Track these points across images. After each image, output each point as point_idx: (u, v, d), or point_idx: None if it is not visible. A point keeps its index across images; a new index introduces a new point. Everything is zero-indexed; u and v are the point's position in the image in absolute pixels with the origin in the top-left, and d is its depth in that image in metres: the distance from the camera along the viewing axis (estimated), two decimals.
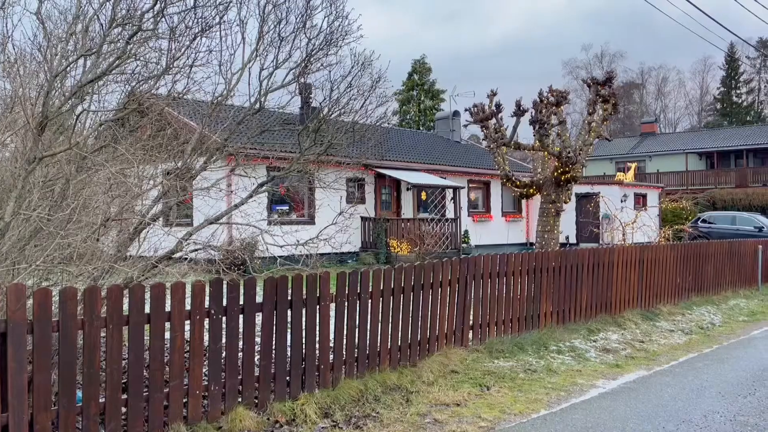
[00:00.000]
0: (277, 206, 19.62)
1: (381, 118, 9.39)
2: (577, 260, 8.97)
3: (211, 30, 5.37)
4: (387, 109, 9.24)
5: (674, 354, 8.07)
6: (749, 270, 14.00)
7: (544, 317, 8.41)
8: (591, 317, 9.21)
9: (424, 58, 41.35)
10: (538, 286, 8.29)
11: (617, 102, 10.69)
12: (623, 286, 9.93)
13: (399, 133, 25.85)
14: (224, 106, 7.11)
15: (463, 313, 7.21)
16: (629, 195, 25.57)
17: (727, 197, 30.89)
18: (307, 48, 6.76)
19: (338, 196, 20.16)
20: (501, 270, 7.72)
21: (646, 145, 43.45)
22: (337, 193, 20.07)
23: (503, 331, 7.79)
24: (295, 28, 6.48)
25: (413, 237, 19.52)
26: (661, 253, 10.90)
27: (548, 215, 11.01)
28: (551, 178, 10.87)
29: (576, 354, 7.70)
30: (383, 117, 9.44)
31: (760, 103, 69.28)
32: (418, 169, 22.13)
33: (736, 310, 11.62)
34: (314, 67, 7.20)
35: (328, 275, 5.77)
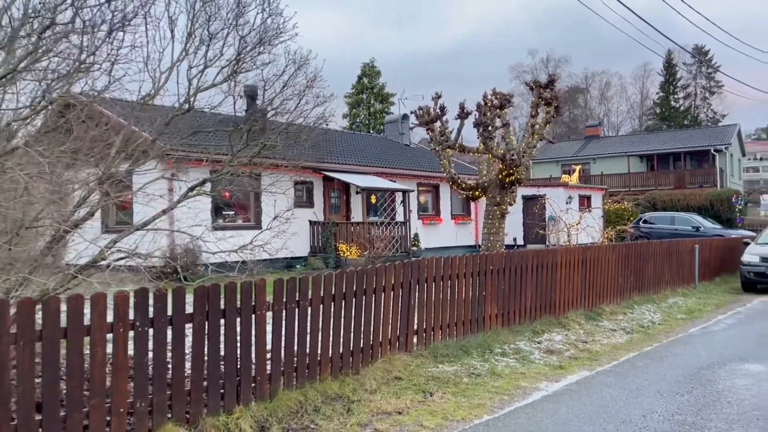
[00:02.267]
0: (226, 210, 19.17)
1: (319, 118, 9.15)
2: (520, 262, 8.99)
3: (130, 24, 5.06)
4: (325, 109, 9.04)
5: (616, 353, 8.16)
6: (687, 269, 14.43)
7: (489, 320, 8.38)
8: (536, 319, 9.26)
9: (373, 62, 41.40)
10: (482, 289, 8.25)
11: (560, 105, 10.82)
12: (567, 287, 10.03)
13: (348, 136, 25.69)
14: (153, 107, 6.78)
15: (407, 318, 7.09)
16: (574, 197, 26.13)
17: (666, 198, 31.98)
18: (238, 46, 6.51)
19: (287, 200, 19.87)
20: (445, 273, 7.64)
21: (591, 148, 44.62)
22: (285, 196, 19.81)
23: (448, 334, 7.71)
24: (225, 25, 6.23)
25: (363, 241, 19.37)
26: (603, 254, 11.08)
27: (494, 217, 11.04)
28: (496, 181, 10.91)
29: (520, 356, 7.69)
30: (322, 118, 9.21)
31: (696, 107, 72.26)
32: (367, 173, 22.01)
33: (675, 309, 11.93)
34: (247, 65, 6.93)
35: (265, 282, 5.54)
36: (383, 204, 21.90)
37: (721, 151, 38.51)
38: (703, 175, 38.13)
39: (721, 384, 6.45)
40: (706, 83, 72.32)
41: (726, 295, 14.09)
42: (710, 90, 72.37)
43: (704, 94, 72.70)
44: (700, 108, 72.41)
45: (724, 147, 38.61)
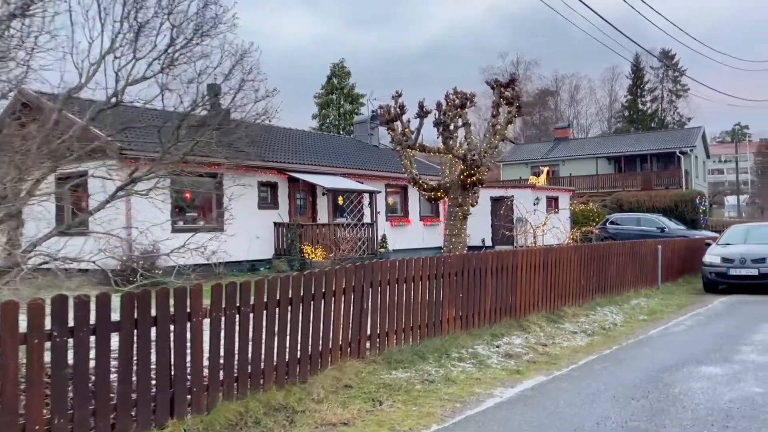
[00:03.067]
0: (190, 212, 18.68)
1: (261, 114, 8.84)
2: (480, 264, 8.81)
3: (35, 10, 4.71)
4: (268, 104, 8.71)
5: (575, 357, 8.03)
6: (650, 270, 14.47)
7: (448, 323, 8.18)
8: (496, 321, 9.09)
9: (342, 62, 41.09)
10: (440, 292, 8.05)
11: (521, 104, 10.68)
12: (528, 290, 9.89)
13: (315, 136, 25.37)
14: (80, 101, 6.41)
15: (359, 323, 6.84)
16: (542, 198, 26.21)
17: (632, 199, 32.33)
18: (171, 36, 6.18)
19: (253, 201, 19.49)
20: (401, 276, 7.41)
21: (560, 150, 45.00)
22: (251, 199, 19.42)
23: (404, 339, 7.48)
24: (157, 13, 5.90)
25: (328, 243, 19.08)
26: (565, 255, 10.98)
27: (455, 219, 10.85)
28: (457, 182, 10.73)
29: (477, 361, 7.49)
30: (264, 114, 8.89)
31: (663, 110, 73.59)
32: (334, 174, 21.72)
33: (637, 310, 11.90)
34: (184, 58, 6.60)
35: (201, 288, 5.23)
36: (351, 205, 21.64)
37: (686, 153, 39.17)
38: (668, 177, 38.73)
39: (678, 388, 6.34)
40: (673, 87, 73.77)
41: (688, 296, 14.16)
42: (676, 93, 73.83)
43: (671, 97, 74.14)
44: (667, 111, 73.79)
45: (689, 149, 39.28)
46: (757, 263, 13.95)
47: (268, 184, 19.80)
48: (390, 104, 10.75)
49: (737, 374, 6.84)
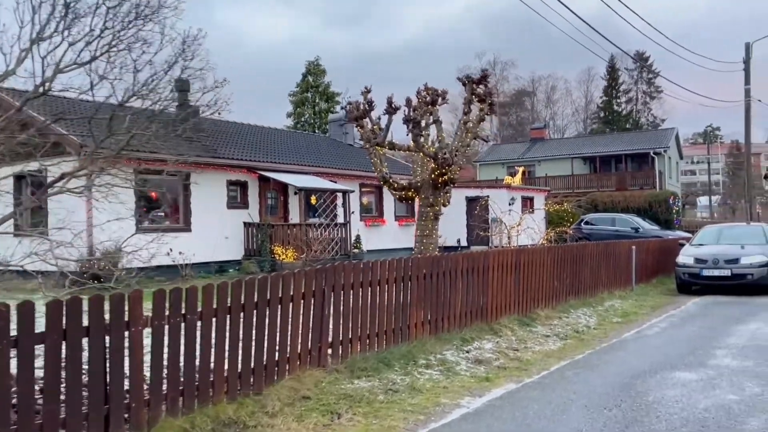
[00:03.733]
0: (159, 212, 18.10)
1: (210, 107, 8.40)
2: (450, 266, 8.49)
3: None
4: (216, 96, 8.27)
5: (547, 362, 7.75)
6: (624, 271, 14.32)
7: (415, 328, 7.85)
8: (466, 325, 8.78)
9: (318, 60, 40.58)
10: (407, 296, 7.71)
11: (493, 102, 10.41)
12: (500, 292, 9.61)
13: (287, 135, 24.88)
14: None
15: (320, 330, 6.46)
16: (517, 198, 26.07)
17: (607, 200, 32.41)
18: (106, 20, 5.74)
19: (222, 201, 18.97)
20: (365, 279, 7.05)
21: (536, 150, 45.07)
22: (219, 198, 18.89)
23: (369, 346, 7.12)
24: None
25: (300, 243, 18.65)
26: (538, 256, 10.73)
27: (427, 219, 10.54)
28: (429, 181, 10.41)
29: (445, 367, 7.17)
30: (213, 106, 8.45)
31: (638, 111, 74.40)
32: (307, 173, 21.28)
33: (611, 312, 11.71)
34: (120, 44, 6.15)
35: (141, 294, 4.81)
36: (323, 205, 21.22)
37: (660, 154, 39.47)
38: (643, 177, 38.99)
39: (651, 396, 6.08)
40: (647, 88, 74.61)
41: (662, 297, 14.04)
42: (650, 95, 74.69)
43: (645, 99, 74.98)
44: (642, 112, 74.62)
45: (663, 150, 39.60)
46: (730, 264, 13.88)
47: (237, 183, 19.29)
48: (360, 100, 10.39)
49: (712, 380, 6.62)
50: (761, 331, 9.50)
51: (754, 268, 13.64)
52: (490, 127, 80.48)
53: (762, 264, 13.66)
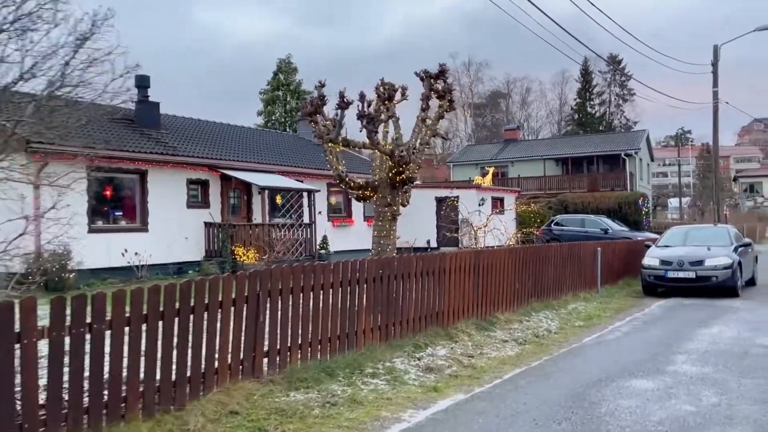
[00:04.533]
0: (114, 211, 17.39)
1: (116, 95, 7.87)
2: (403, 268, 8.10)
3: None
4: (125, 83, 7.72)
5: (501, 370, 7.40)
6: (589, 272, 14.09)
7: (364, 335, 7.43)
8: (420, 331, 8.40)
9: (289, 58, 39.98)
10: (355, 300, 7.29)
11: (453, 99, 10.04)
12: (457, 295, 9.25)
13: (253, 133, 24.28)
14: None
15: (254, 338, 6.01)
16: (487, 199, 25.84)
17: (577, 200, 32.40)
18: None
19: (182, 200, 18.33)
20: (307, 284, 6.61)
21: (509, 151, 45.04)
22: (179, 197, 18.26)
23: (311, 354, 6.68)
24: None
25: (262, 244, 18.12)
26: (499, 258, 10.40)
27: (384, 219, 10.13)
28: (386, 180, 10.01)
29: (393, 377, 6.76)
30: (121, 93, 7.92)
31: (611, 114, 75.06)
32: (272, 172, 20.75)
33: (574, 315, 11.44)
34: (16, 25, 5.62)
35: (35, 301, 4.31)
36: (289, 205, 20.71)
37: (631, 155, 39.67)
38: (614, 179, 39.15)
39: (604, 407, 5.75)
40: (620, 91, 75.35)
41: (627, 300, 13.84)
42: (623, 98, 75.43)
43: (618, 101, 75.70)
44: (614, 115, 75.28)
45: (634, 152, 39.81)
46: (695, 266, 13.73)
47: (198, 182, 18.68)
48: (315, 96, 9.94)
49: (669, 389, 6.32)
50: (722, 335, 9.29)
51: (719, 270, 13.50)
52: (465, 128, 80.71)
53: (726, 266, 13.53)
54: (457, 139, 78.43)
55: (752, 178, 72.34)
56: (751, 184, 70.74)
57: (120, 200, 17.22)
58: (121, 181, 17.15)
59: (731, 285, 13.53)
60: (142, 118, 19.16)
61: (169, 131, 19.65)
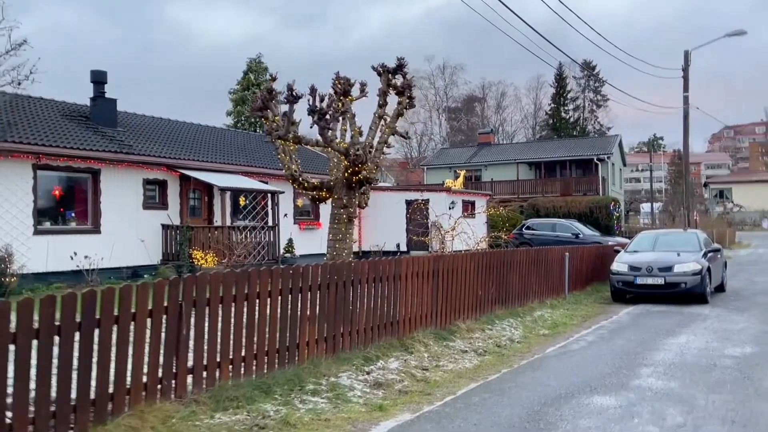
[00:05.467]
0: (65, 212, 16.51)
1: None
2: (353, 274, 7.53)
3: None
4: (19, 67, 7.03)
5: (456, 384, 6.87)
6: (557, 278, 13.68)
7: (307, 347, 6.84)
8: (373, 341, 7.84)
9: (260, 57, 39.13)
10: (297, 309, 6.70)
11: (413, 95, 9.53)
12: (414, 302, 8.72)
13: (216, 132, 23.50)
14: None
15: (176, 354, 5.39)
16: (457, 202, 25.41)
17: (549, 205, 32.19)
18: None
19: (137, 200, 17.52)
20: (240, 292, 6.01)
21: (483, 155, 44.85)
22: (135, 198, 17.47)
23: (245, 370, 6.08)
24: None
25: (222, 247, 17.39)
26: (460, 263, 9.89)
27: (340, 222, 9.57)
28: (342, 180, 9.44)
29: (336, 394, 6.19)
30: None
31: (585, 119, 75.57)
32: (234, 172, 20.03)
33: (540, 323, 10.98)
34: None
35: None
36: (253, 207, 20.00)
37: (604, 160, 39.70)
38: (586, 183, 39.13)
39: (562, 427, 5.25)
40: (594, 97, 75.92)
41: (595, 306, 13.45)
42: (597, 103, 76.02)
43: (592, 106, 76.27)
44: (588, 120, 75.81)
45: (606, 156, 39.85)
46: (664, 272, 13.41)
47: (155, 182, 17.90)
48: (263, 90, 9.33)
49: (632, 407, 5.85)
50: (690, 345, 8.90)
51: (688, 276, 13.20)
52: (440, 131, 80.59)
53: (695, 272, 13.23)
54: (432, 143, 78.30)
55: (722, 184, 73.43)
56: (720, 190, 71.76)
57: (70, 200, 16.37)
58: (71, 181, 16.31)
59: (700, 292, 13.23)
60: (97, 114, 18.34)
61: (126, 129, 18.83)
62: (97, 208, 16.35)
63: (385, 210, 25.58)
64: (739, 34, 26.36)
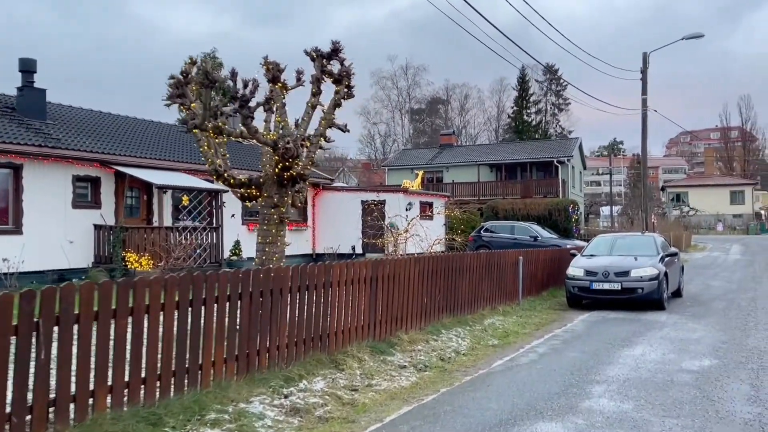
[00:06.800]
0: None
1: None
2: (272, 283, 6.63)
3: None
4: None
5: (386, 409, 6.04)
6: (510, 283, 13.00)
7: (213, 367, 5.91)
8: (297, 358, 6.95)
9: (214, 52, 37.82)
10: (200, 324, 5.77)
11: (352, 84, 8.67)
12: (349, 313, 7.86)
13: (156, 127, 22.16)
14: None
15: (36, 382, 4.40)
16: (415, 203, 24.68)
17: (508, 207, 31.75)
18: None
19: (66, 198, 16.22)
20: (122, 305, 5.05)
21: (444, 157, 44.35)
22: (63, 195, 16.16)
23: (130, 397, 5.11)
24: None
25: (159, 249, 16.24)
26: (403, 269, 9.08)
27: (270, 223, 8.65)
28: (273, 176, 8.52)
29: (240, 425, 5.27)
30: None
31: (547, 122, 76.06)
32: (177, 169, 18.85)
33: (490, 332, 10.25)
34: None
35: None
36: (196, 207, 18.86)
37: (564, 162, 39.59)
38: (547, 186, 38.94)
39: None
40: (556, 100, 76.49)
41: (550, 313, 12.80)
42: (559, 107, 76.62)
43: (554, 110, 76.83)
44: (550, 123, 76.35)
45: (567, 159, 39.74)
46: (621, 277, 12.87)
47: (87, 179, 16.63)
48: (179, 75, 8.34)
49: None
50: (646, 357, 8.26)
51: (645, 282, 12.68)
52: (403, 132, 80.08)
53: (652, 277, 12.72)
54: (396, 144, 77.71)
55: (679, 188, 74.73)
56: (677, 193, 73.02)
57: None
58: None
59: (657, 297, 12.72)
60: (24, 106, 16.96)
61: (56, 122, 17.49)
62: (18, 207, 15.03)
63: (339, 211, 24.70)
64: (697, 37, 26.35)
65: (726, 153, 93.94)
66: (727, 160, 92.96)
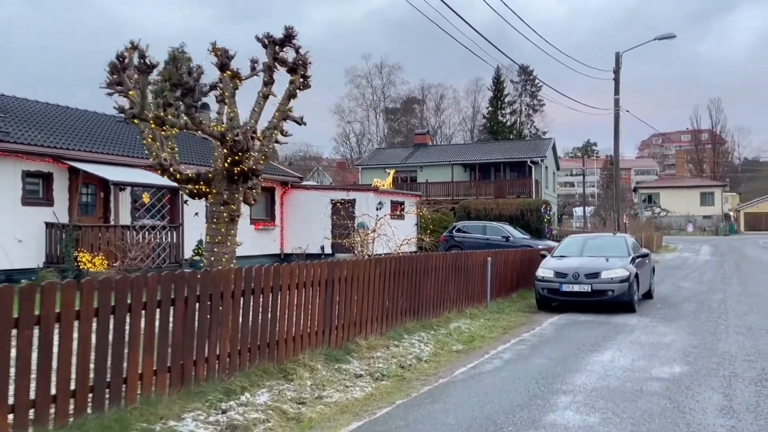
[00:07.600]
0: None
1: None
2: (210, 287, 6.06)
3: None
4: None
5: (334, 425, 5.53)
6: (478, 285, 12.58)
7: (141, 381, 5.34)
8: (241, 368, 6.40)
9: (183, 47, 36.91)
10: (123, 334, 5.18)
11: (308, 73, 8.13)
12: (301, 318, 7.33)
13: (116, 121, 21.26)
14: None
15: None
16: (385, 202, 24.20)
17: (480, 207, 31.48)
18: None
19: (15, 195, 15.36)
20: (28, 315, 4.45)
21: (418, 156, 44.00)
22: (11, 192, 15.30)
23: (37, 418, 4.52)
24: None
25: (114, 249, 15.49)
26: (363, 271, 8.57)
27: (219, 221, 8.07)
28: (222, 171, 7.95)
29: None
30: None
31: (521, 123, 76.35)
32: (137, 166, 18.06)
33: (455, 336, 9.80)
34: None
35: None
36: (151, 204, 18.11)
37: (537, 163, 39.50)
38: (520, 186, 38.81)
39: None
40: (530, 101, 76.81)
41: (518, 316, 12.41)
42: (534, 108, 76.97)
43: (528, 111, 77.15)
44: (525, 124, 76.64)
45: (540, 159, 39.66)
46: (591, 278, 12.54)
47: (39, 175, 15.80)
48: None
49: None
50: (615, 364, 7.87)
51: (615, 284, 12.36)
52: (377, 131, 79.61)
53: (623, 279, 12.41)
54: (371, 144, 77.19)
55: (650, 190, 75.59)
56: (649, 195, 73.83)
57: None
58: None
59: (628, 300, 12.41)
60: None
61: (6, 115, 16.60)
62: None
63: (308, 210, 24.11)
64: (669, 37, 26.34)
65: (696, 155, 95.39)
66: (698, 162, 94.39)
